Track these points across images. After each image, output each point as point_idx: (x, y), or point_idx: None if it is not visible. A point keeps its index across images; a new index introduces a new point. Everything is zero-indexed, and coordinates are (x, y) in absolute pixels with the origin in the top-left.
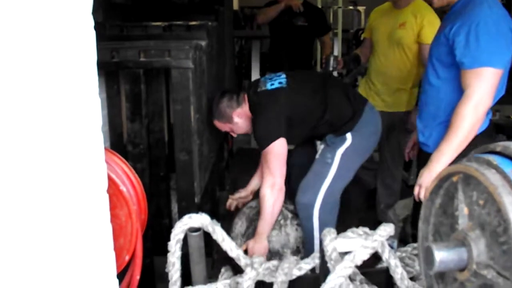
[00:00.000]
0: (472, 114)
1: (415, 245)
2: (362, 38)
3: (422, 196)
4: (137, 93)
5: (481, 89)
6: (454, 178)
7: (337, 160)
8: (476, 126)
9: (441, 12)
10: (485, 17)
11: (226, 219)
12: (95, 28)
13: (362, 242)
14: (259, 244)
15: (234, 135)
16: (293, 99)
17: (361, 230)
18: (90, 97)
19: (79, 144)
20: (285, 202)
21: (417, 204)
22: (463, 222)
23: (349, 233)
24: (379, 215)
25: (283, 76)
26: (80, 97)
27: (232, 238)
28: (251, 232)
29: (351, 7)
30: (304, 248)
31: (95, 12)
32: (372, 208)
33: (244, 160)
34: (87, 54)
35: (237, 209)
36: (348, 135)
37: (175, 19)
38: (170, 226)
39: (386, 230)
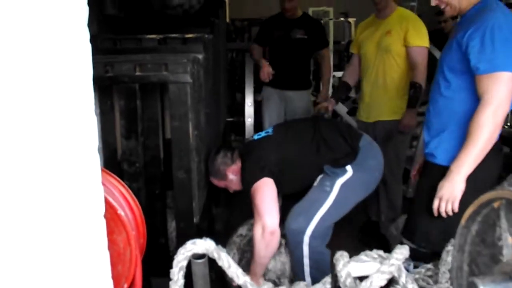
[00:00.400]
0: (491, 121)
1: (428, 266)
2: (350, 53)
3: (442, 210)
4: (132, 109)
5: (499, 94)
6: (496, 204)
7: (336, 190)
8: (495, 134)
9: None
10: (499, 22)
11: (221, 236)
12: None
13: (377, 266)
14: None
15: (231, 191)
16: (280, 144)
17: (376, 253)
18: (85, 115)
19: (73, 165)
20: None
21: (410, 215)
22: (508, 252)
23: (362, 256)
24: (382, 228)
25: (271, 129)
26: (75, 115)
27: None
28: (244, 264)
29: (342, 19)
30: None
31: (88, 25)
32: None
33: None
34: (82, 69)
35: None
36: (348, 167)
37: (169, 31)
38: (167, 246)
39: (403, 253)
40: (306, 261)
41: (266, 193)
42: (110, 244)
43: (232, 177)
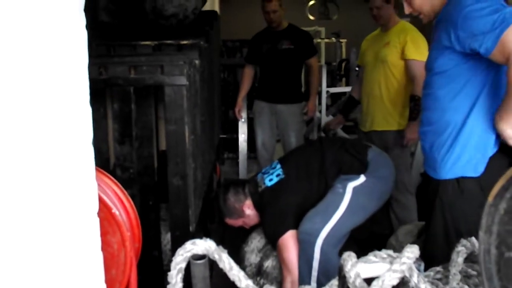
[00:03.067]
0: None
1: (438, 269)
2: (356, 67)
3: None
4: (127, 113)
5: None
6: None
7: (349, 193)
8: None
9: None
10: (471, 2)
11: None
12: None
13: (387, 267)
14: None
15: (247, 227)
16: (295, 188)
17: (385, 253)
18: (80, 110)
19: (67, 160)
20: None
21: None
22: None
23: (371, 257)
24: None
25: (279, 166)
26: (69, 109)
27: (246, 252)
28: (269, 248)
29: (333, 39)
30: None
31: None
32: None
33: None
34: (77, 63)
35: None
36: (362, 176)
37: (164, 39)
38: (160, 259)
39: (414, 252)
40: (315, 264)
41: (293, 248)
42: (103, 246)
43: (249, 212)
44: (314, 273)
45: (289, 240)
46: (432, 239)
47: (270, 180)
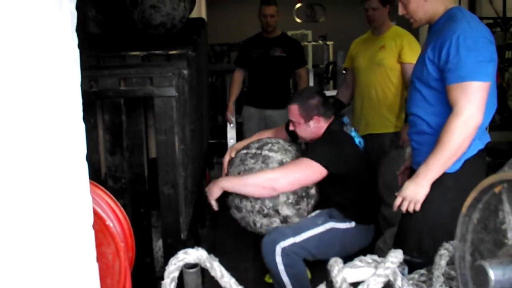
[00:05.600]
0: (462, 130)
1: (421, 271)
2: (343, 71)
3: (404, 208)
4: (117, 124)
5: (469, 104)
6: (497, 189)
7: (325, 228)
8: (466, 143)
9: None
10: (464, 32)
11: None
12: None
13: (372, 271)
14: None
15: (290, 128)
16: (361, 161)
17: (370, 258)
18: (73, 124)
19: (61, 174)
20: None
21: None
22: None
23: (357, 262)
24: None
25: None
26: (63, 124)
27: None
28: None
29: (320, 42)
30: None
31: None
32: None
33: (222, 196)
34: (70, 77)
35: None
36: (348, 224)
37: (152, 49)
38: (152, 265)
39: (397, 256)
40: (278, 259)
41: (310, 175)
42: (98, 257)
43: (313, 125)
44: (285, 278)
45: (314, 167)
46: (404, 227)
47: (360, 143)
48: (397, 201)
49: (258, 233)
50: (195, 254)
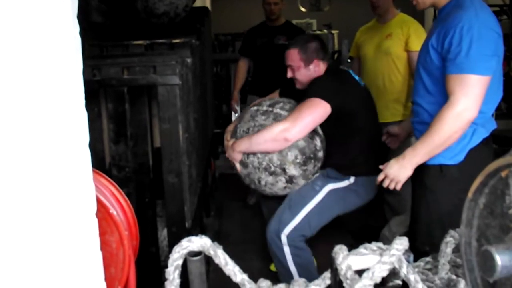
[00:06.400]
0: (454, 121)
1: (427, 259)
2: (348, 59)
3: (385, 185)
4: (121, 113)
5: (465, 97)
6: (503, 173)
7: (324, 193)
8: (456, 135)
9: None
10: (469, 21)
11: None
12: None
13: (377, 259)
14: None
15: (289, 75)
16: (362, 96)
17: (375, 245)
18: (76, 112)
19: (64, 162)
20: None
21: (415, 216)
22: None
23: (361, 249)
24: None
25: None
26: (65, 112)
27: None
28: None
29: (325, 31)
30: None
31: None
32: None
33: (227, 185)
34: (72, 65)
35: None
36: (346, 181)
37: (156, 38)
38: (157, 255)
39: (403, 243)
40: (288, 257)
41: (315, 113)
42: (102, 245)
43: (312, 68)
44: (292, 267)
45: (319, 105)
46: (415, 220)
47: (359, 80)
48: (380, 177)
49: (261, 191)
50: (199, 242)
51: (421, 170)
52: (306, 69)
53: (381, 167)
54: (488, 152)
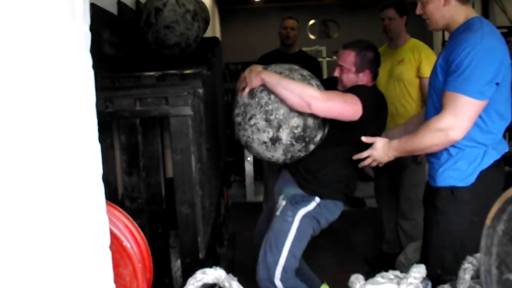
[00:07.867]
0: (436, 136)
1: (445, 286)
2: None
3: (366, 163)
4: (133, 144)
5: (453, 116)
6: None
7: (297, 221)
8: (435, 148)
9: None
10: (473, 44)
11: None
12: None
13: (395, 287)
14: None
15: (337, 74)
16: (382, 130)
17: (392, 273)
18: (89, 144)
19: (78, 195)
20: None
21: (426, 239)
22: None
23: (378, 278)
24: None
25: None
26: (79, 144)
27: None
28: None
29: (335, 57)
30: None
31: None
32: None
33: (240, 214)
34: (85, 97)
35: None
36: (317, 199)
37: (167, 69)
38: (171, 286)
39: (420, 271)
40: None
41: (346, 106)
42: (116, 278)
43: (362, 77)
44: None
45: (355, 103)
46: (426, 243)
47: None
48: (364, 154)
49: (241, 128)
50: (214, 274)
51: (432, 193)
52: (355, 75)
53: (365, 140)
54: (499, 174)
